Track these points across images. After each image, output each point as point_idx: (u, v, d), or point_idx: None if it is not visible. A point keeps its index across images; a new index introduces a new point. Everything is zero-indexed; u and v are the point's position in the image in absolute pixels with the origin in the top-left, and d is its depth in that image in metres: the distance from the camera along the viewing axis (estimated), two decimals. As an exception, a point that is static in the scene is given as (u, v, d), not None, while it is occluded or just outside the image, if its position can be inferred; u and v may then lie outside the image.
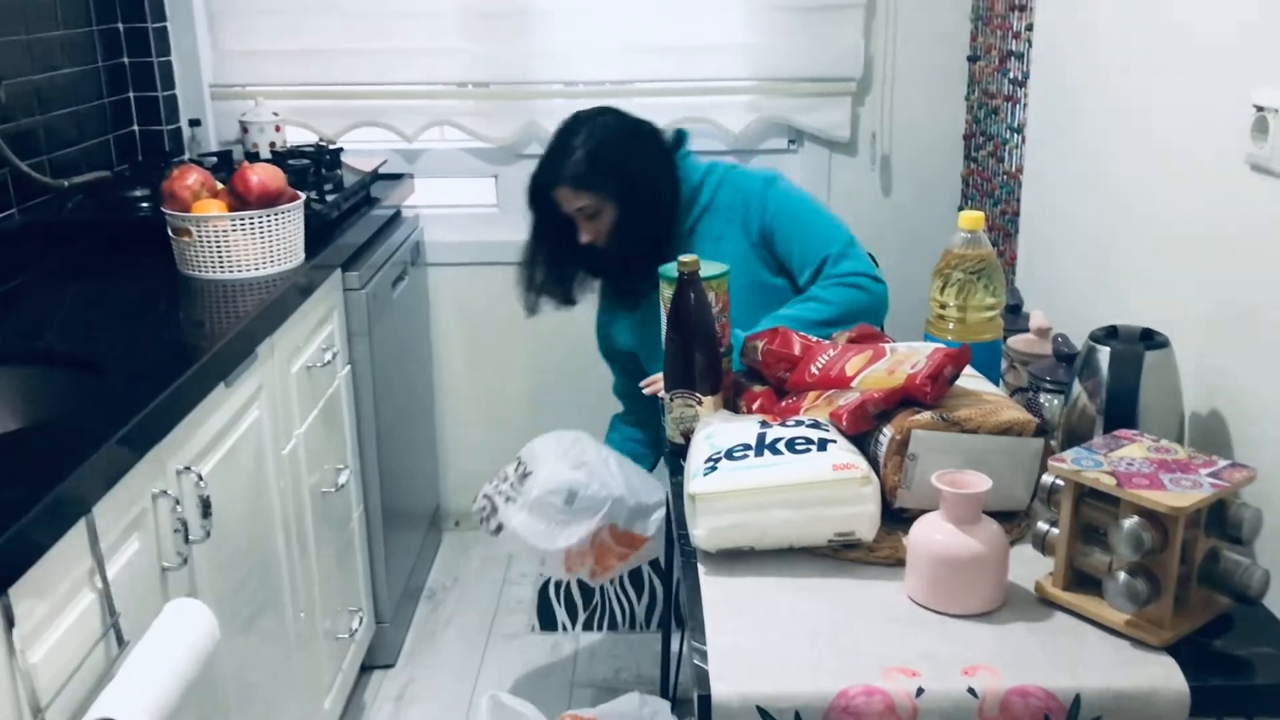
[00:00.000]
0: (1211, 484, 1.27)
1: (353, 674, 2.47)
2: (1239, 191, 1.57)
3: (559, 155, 2.24)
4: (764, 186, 2.25)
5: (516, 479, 2.25)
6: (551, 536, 2.19)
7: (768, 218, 2.22)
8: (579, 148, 2.22)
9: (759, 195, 2.24)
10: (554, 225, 2.28)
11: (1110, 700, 1.20)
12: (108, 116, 2.73)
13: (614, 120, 2.28)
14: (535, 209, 2.30)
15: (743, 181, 2.28)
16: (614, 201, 2.21)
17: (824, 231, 2.20)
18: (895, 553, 1.42)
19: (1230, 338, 1.60)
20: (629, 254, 2.24)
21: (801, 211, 2.24)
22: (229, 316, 1.91)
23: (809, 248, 2.18)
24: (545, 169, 2.26)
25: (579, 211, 2.22)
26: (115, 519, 1.39)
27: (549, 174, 2.24)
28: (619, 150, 2.24)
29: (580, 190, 2.21)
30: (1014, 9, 2.57)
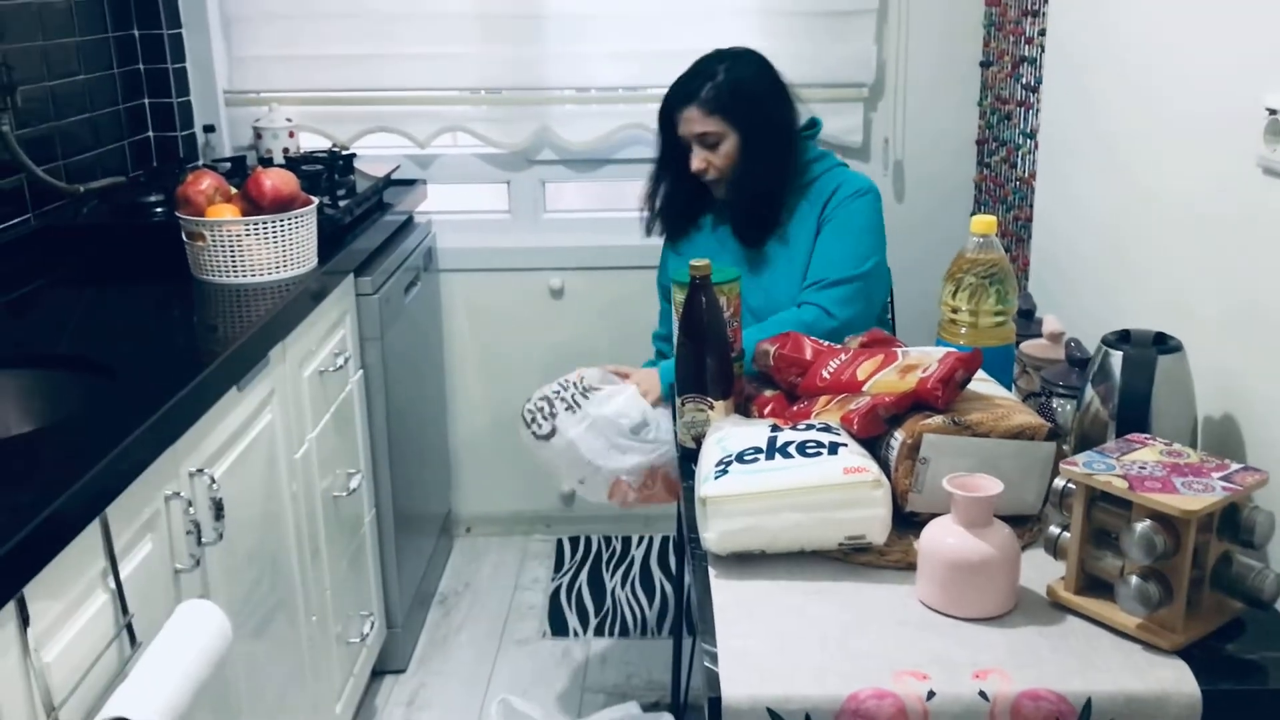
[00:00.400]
0: (1224, 487, 1.27)
1: (364, 679, 2.48)
2: (1252, 195, 1.57)
3: (698, 75, 2.21)
4: (852, 191, 2.23)
5: (579, 391, 2.14)
6: (609, 456, 2.10)
7: (827, 214, 2.22)
8: (721, 72, 2.19)
9: (841, 195, 2.23)
10: (676, 151, 2.25)
11: (1122, 704, 1.20)
12: (123, 122, 2.75)
13: (758, 59, 2.26)
14: (662, 129, 2.26)
15: (840, 177, 2.27)
16: (740, 134, 2.18)
17: (845, 255, 2.18)
18: (906, 556, 1.42)
19: (1243, 342, 1.60)
20: (744, 192, 2.22)
21: (850, 228, 2.21)
22: (242, 321, 1.91)
23: (824, 260, 2.18)
24: (681, 87, 2.22)
25: (700, 137, 2.19)
26: (129, 520, 1.40)
27: (683, 92, 2.20)
28: (759, 86, 2.22)
29: (711, 114, 2.17)
30: (1027, 14, 2.57)
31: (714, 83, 2.18)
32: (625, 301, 3.09)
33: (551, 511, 3.33)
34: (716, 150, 2.19)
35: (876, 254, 2.22)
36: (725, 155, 2.19)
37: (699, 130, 2.18)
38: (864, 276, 2.18)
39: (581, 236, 3.16)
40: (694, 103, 2.18)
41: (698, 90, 2.18)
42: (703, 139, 2.19)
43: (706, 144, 2.19)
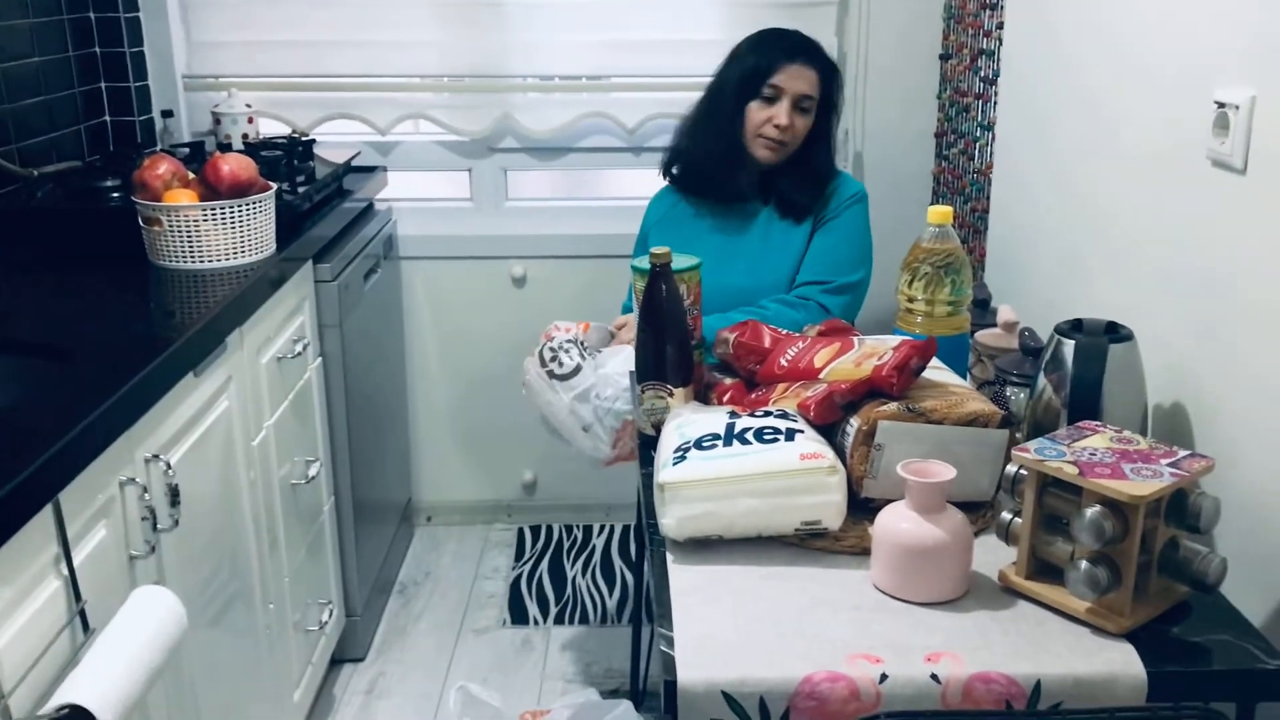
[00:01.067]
0: (1171, 474, 1.29)
1: (322, 667, 2.47)
2: (1201, 187, 1.60)
3: (818, 45, 2.26)
4: (852, 195, 2.30)
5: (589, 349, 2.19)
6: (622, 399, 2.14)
7: (826, 217, 2.26)
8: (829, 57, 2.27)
9: (839, 198, 2.28)
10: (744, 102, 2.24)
11: (1070, 686, 1.22)
12: (79, 106, 2.72)
13: None
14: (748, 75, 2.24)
15: (838, 180, 2.32)
16: (821, 113, 2.24)
17: (850, 259, 2.24)
18: (861, 541, 1.44)
19: (1193, 330, 1.63)
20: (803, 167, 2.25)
21: (854, 233, 2.27)
22: (199, 306, 1.90)
23: (830, 262, 2.21)
24: (806, 45, 2.24)
25: (802, 97, 2.20)
26: (82, 506, 1.39)
27: (808, 50, 2.23)
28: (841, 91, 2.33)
29: (821, 83, 2.22)
30: (985, 7, 2.59)
31: (830, 62, 2.25)
32: (587, 290, 3.10)
33: (513, 500, 3.33)
34: (804, 117, 2.22)
35: (868, 262, 2.30)
36: (805, 126, 2.23)
37: (806, 91, 2.21)
38: (862, 283, 2.27)
39: (543, 225, 3.15)
40: (819, 66, 2.22)
41: (821, 58, 2.23)
42: (803, 100, 2.21)
43: (802, 107, 2.21)
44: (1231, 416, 1.53)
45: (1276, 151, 1.43)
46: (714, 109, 2.28)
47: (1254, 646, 1.26)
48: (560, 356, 2.18)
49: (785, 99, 2.19)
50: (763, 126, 2.21)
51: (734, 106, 2.24)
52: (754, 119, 2.22)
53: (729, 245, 2.25)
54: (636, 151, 3.09)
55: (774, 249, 2.24)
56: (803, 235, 2.27)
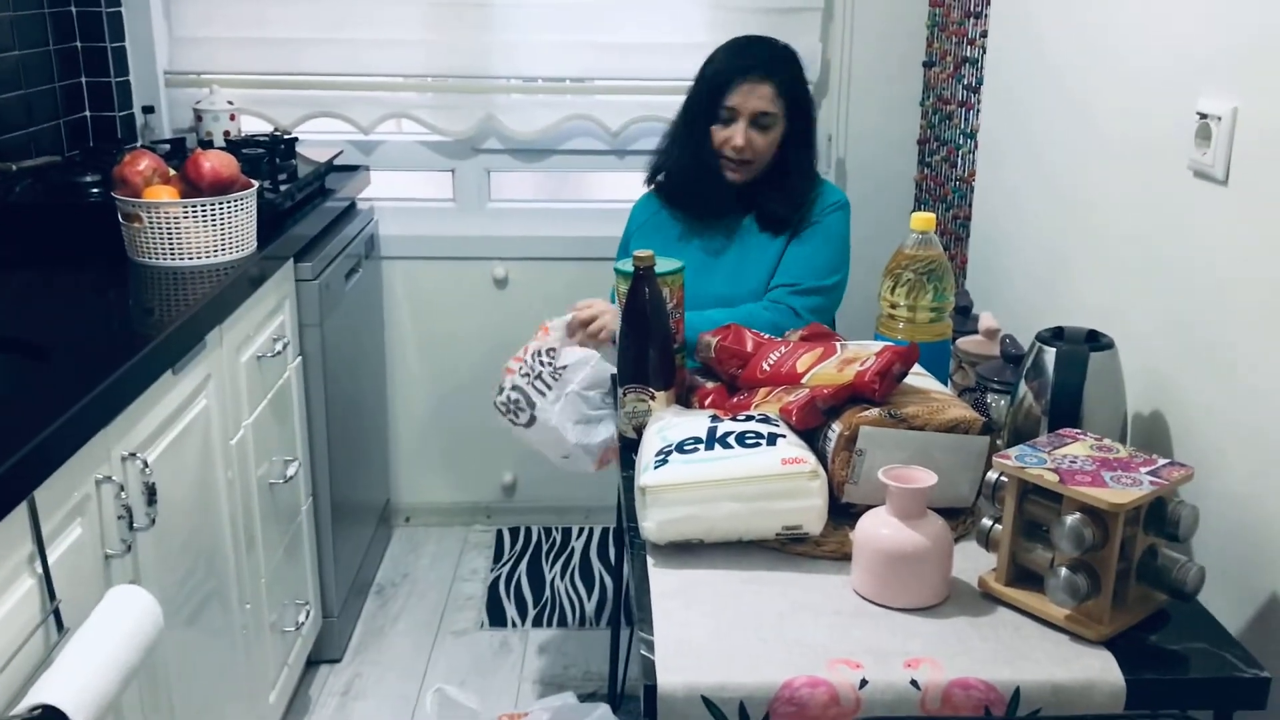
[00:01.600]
0: (1151, 482, 1.30)
1: (299, 668, 2.46)
2: (1183, 197, 1.60)
3: (775, 58, 2.18)
4: (833, 203, 2.24)
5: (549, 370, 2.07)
6: (589, 432, 2.07)
7: (805, 225, 2.22)
8: (791, 61, 2.19)
9: (819, 206, 2.23)
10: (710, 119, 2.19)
11: (1049, 693, 1.22)
12: (59, 101, 2.70)
13: None
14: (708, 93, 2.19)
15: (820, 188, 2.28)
16: (789, 126, 2.17)
17: (824, 264, 2.20)
18: (842, 547, 1.44)
19: (1173, 340, 1.63)
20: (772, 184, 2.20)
21: (830, 238, 2.22)
22: (178, 304, 1.89)
23: (803, 265, 2.18)
24: (757, 59, 2.17)
25: (760, 114, 2.14)
26: (58, 504, 1.38)
27: (761, 65, 2.15)
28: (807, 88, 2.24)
29: (779, 97, 2.15)
30: (969, 15, 2.60)
31: (790, 69, 2.17)
32: (569, 292, 3.06)
33: (492, 502, 3.32)
34: (766, 134, 2.16)
35: (844, 269, 2.25)
36: (770, 142, 2.17)
37: (762, 108, 2.14)
38: (833, 288, 2.22)
39: (526, 226, 3.15)
40: (772, 81, 2.15)
41: (776, 70, 2.15)
42: (761, 117, 2.15)
43: (761, 124, 2.16)
44: (1211, 426, 1.53)
45: (1258, 162, 1.44)
46: (685, 128, 2.25)
47: (1231, 655, 1.27)
48: (514, 410, 2.10)
49: (741, 119, 2.15)
50: (722, 147, 2.18)
51: (701, 127, 2.21)
52: (715, 140, 2.19)
53: (710, 255, 2.24)
54: (620, 154, 3.09)
55: (753, 258, 2.23)
56: (781, 244, 2.26)
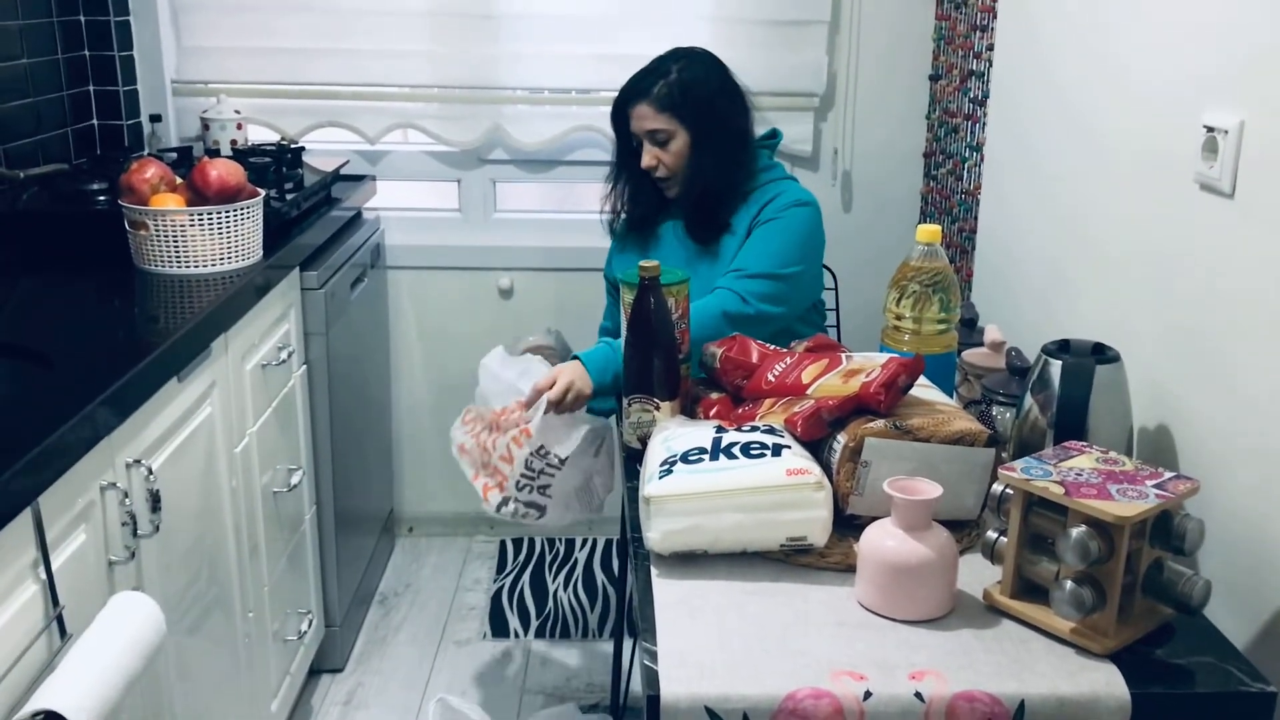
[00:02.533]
0: (1157, 495, 1.29)
1: (301, 677, 2.45)
2: (1189, 210, 1.60)
3: (651, 73, 2.21)
4: (792, 201, 2.20)
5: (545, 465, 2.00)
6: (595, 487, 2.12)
7: (762, 217, 2.19)
8: (674, 71, 2.20)
9: (780, 202, 2.20)
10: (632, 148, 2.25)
11: (1054, 707, 1.22)
12: (66, 109, 2.70)
13: (712, 60, 2.27)
14: (615, 126, 2.27)
15: (783, 187, 2.25)
16: (690, 132, 2.19)
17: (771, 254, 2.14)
18: (846, 558, 1.43)
19: (1179, 353, 1.63)
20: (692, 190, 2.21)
21: (781, 231, 2.17)
22: (184, 311, 1.89)
23: (749, 253, 2.14)
24: (634, 84, 2.22)
25: (650, 134, 2.19)
26: (62, 510, 1.38)
27: (636, 89, 2.21)
28: (710, 87, 2.22)
29: (661, 112, 2.18)
30: (975, 29, 2.61)
31: (666, 81, 2.19)
32: (574, 303, 3.09)
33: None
34: (667, 148, 2.19)
35: (803, 264, 2.18)
36: (675, 154, 2.19)
37: (650, 127, 2.19)
38: (785, 279, 2.13)
39: (532, 237, 3.15)
40: (645, 100, 2.19)
41: (650, 87, 2.19)
42: (653, 136, 2.19)
43: (657, 141, 2.19)
44: (1217, 439, 1.53)
45: (1264, 176, 1.44)
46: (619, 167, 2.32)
47: (1236, 669, 1.27)
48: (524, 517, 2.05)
49: (644, 141, 2.21)
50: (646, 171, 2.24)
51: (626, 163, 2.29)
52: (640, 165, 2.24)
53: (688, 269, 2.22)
54: (626, 165, 3.09)
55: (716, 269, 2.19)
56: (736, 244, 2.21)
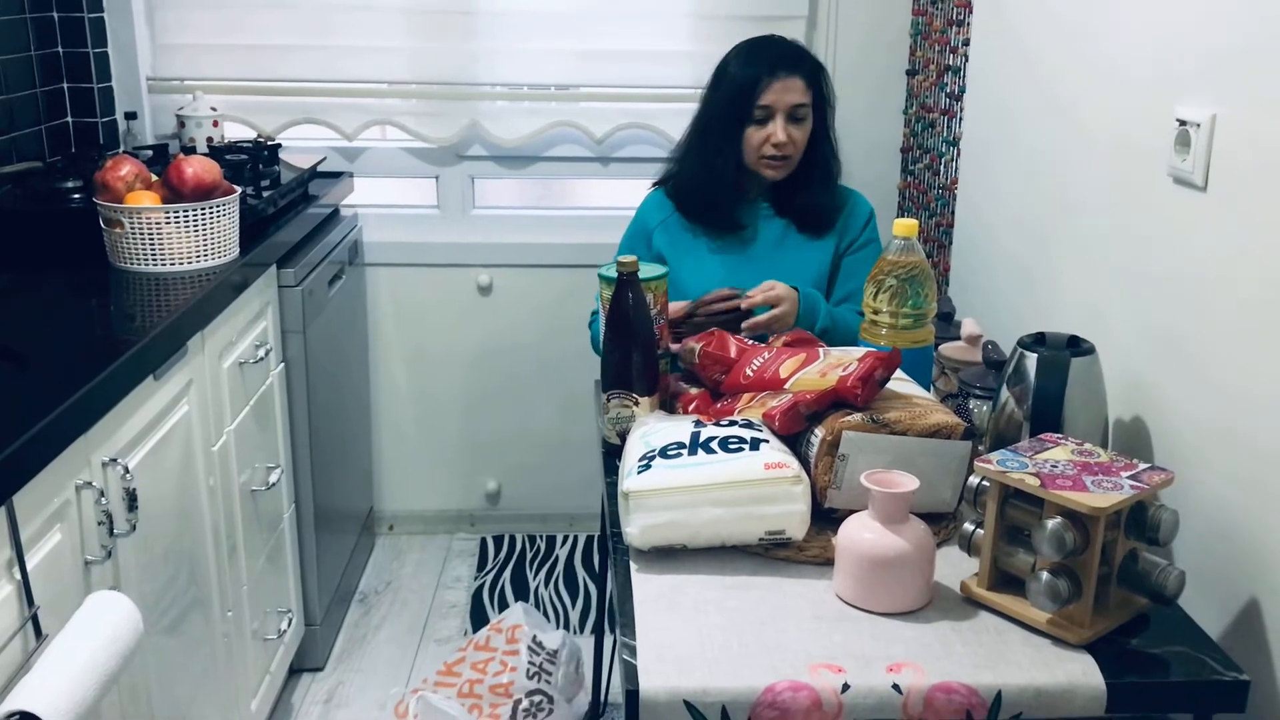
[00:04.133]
0: (1132, 486, 1.30)
1: (281, 676, 2.44)
2: (1163, 203, 1.62)
3: (798, 51, 2.19)
4: (870, 215, 2.27)
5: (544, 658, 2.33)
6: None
7: (859, 241, 2.24)
8: (812, 56, 2.21)
9: (861, 217, 2.26)
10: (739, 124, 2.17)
11: (1031, 697, 1.23)
12: (40, 107, 2.68)
13: None
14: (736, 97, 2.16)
15: (849, 194, 2.29)
16: (818, 119, 2.18)
17: None
18: (825, 552, 1.44)
19: (1154, 345, 1.64)
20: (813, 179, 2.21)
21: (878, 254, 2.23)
22: (160, 310, 1.88)
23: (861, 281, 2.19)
24: (788, 51, 2.17)
25: (795, 109, 2.14)
26: (37, 509, 1.37)
27: (790, 57, 2.16)
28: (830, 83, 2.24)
29: (810, 88, 2.15)
30: (952, 24, 2.61)
31: (813, 61, 2.19)
32: (553, 299, 3.09)
33: (476, 510, 3.31)
34: (801, 126, 2.16)
35: None
36: (805, 133, 2.17)
37: (797, 100, 2.14)
38: None
39: (510, 233, 3.15)
40: (800, 72, 2.15)
41: (804, 62, 2.17)
42: (795, 112, 2.15)
43: (795, 118, 2.15)
44: (1192, 430, 1.54)
45: (1236, 169, 1.45)
46: (707, 137, 2.22)
47: (1210, 658, 1.28)
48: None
49: (779, 115, 2.14)
50: (763, 147, 2.16)
51: (726, 133, 2.18)
52: (752, 142, 2.16)
53: (736, 266, 2.19)
54: (604, 161, 3.10)
55: (788, 265, 2.19)
56: (824, 251, 2.22)
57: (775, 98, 2.13)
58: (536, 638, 2.36)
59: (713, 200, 2.22)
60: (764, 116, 2.15)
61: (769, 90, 2.13)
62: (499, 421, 3.23)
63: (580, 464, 3.13)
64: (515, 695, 2.28)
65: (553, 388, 3.17)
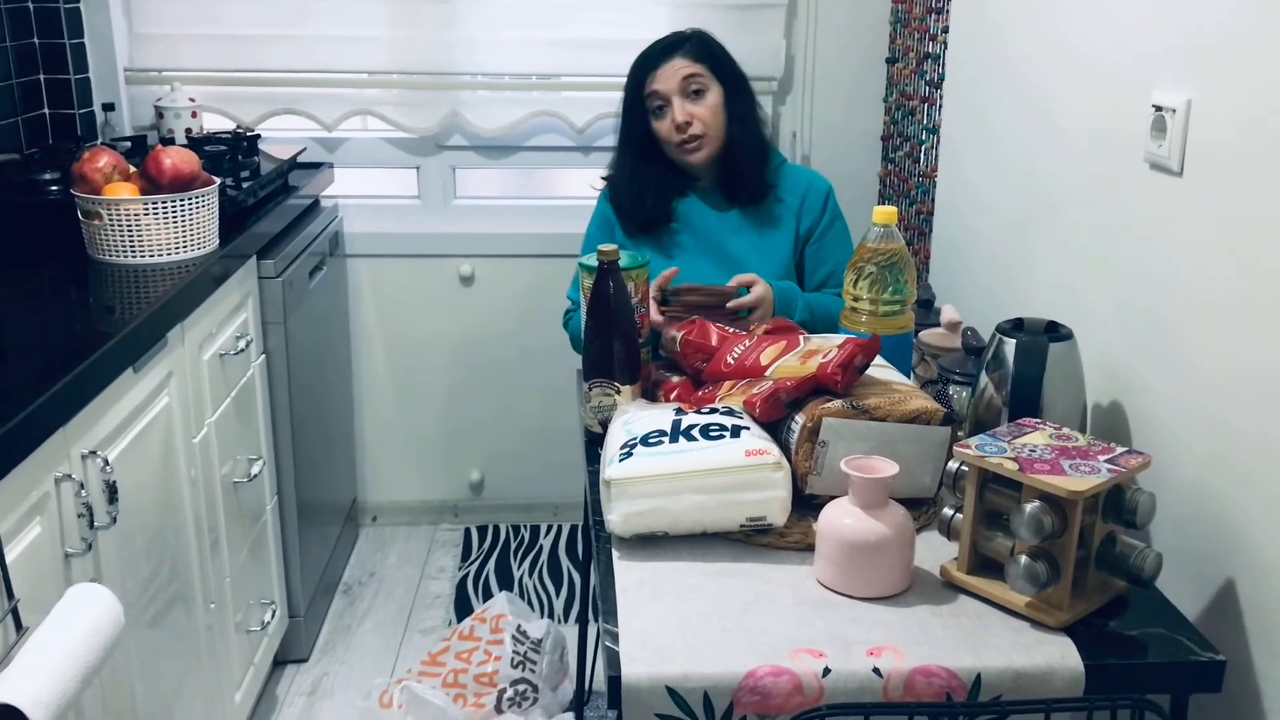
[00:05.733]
0: (1109, 470, 1.31)
1: (265, 668, 2.44)
2: (1140, 189, 1.62)
3: (670, 38, 2.21)
4: (828, 193, 2.26)
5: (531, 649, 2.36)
6: None
7: (823, 223, 2.24)
8: (690, 34, 2.22)
9: (820, 197, 2.25)
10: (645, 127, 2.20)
11: (1010, 679, 1.23)
12: (17, 98, 2.67)
13: None
14: (632, 104, 2.20)
15: (804, 176, 2.28)
16: (722, 86, 2.18)
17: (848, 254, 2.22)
18: (805, 538, 1.45)
19: (1131, 330, 1.65)
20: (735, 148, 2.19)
21: (845, 230, 2.28)
22: (139, 301, 1.87)
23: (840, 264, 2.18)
24: (657, 45, 2.20)
25: (687, 81, 2.14)
26: (16, 502, 1.36)
27: (661, 48, 2.18)
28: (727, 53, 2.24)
29: (697, 61, 2.16)
30: (930, 12, 2.62)
31: (689, 40, 2.20)
32: (535, 289, 3.09)
33: (460, 500, 3.31)
34: (702, 101, 2.16)
35: None
36: (710, 108, 2.16)
37: (688, 72, 2.15)
38: None
39: (492, 223, 3.14)
40: (678, 53, 2.17)
41: (679, 44, 2.18)
42: (688, 85, 2.15)
43: (690, 92, 2.15)
44: (1168, 414, 1.55)
45: (1212, 154, 1.46)
46: (622, 148, 2.26)
47: (1187, 639, 1.29)
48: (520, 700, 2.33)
49: (674, 97, 2.15)
50: (671, 135, 2.17)
51: (635, 138, 2.22)
52: (662, 135, 2.18)
53: (694, 259, 2.18)
54: (585, 150, 3.09)
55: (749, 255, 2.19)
56: (785, 236, 2.22)
57: (662, 84, 2.16)
58: (521, 627, 2.37)
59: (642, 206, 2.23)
60: (661, 106, 2.17)
61: (653, 79, 2.16)
62: (482, 411, 3.23)
63: (563, 453, 3.14)
64: (500, 684, 2.29)
65: (535, 377, 3.17)
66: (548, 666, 2.36)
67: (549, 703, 2.32)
